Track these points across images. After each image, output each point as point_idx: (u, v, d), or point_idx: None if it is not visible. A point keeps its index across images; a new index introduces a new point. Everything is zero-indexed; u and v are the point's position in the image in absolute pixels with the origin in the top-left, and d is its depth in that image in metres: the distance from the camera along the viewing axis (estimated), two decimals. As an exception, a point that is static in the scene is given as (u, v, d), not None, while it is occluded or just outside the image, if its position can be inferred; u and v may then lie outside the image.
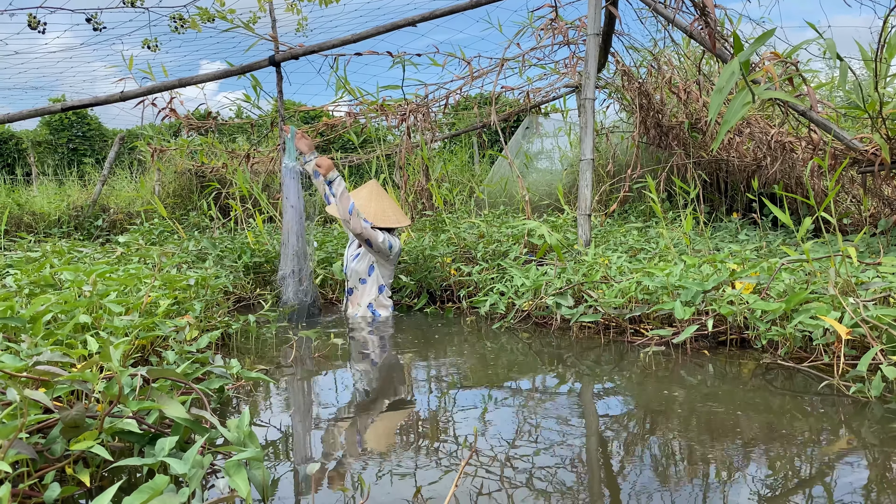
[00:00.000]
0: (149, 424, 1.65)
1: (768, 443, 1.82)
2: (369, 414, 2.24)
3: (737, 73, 1.83)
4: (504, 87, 6.66)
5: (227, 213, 7.98)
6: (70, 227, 8.00)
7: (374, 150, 8.84)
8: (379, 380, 2.76)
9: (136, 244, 4.96)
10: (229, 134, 11.87)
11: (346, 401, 2.42)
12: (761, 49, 3.75)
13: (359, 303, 4.37)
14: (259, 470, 1.48)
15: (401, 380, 2.76)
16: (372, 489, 1.56)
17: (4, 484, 1.12)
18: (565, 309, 3.47)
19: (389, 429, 2.06)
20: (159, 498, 1.20)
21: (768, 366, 2.64)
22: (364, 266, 4.32)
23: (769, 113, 5.87)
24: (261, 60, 5.12)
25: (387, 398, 2.45)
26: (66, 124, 16.05)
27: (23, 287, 2.96)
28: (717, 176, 6.59)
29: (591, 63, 4.29)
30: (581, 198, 4.28)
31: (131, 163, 11.31)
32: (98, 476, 1.62)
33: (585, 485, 1.59)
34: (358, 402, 2.40)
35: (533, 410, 2.20)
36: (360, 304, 4.36)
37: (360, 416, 2.21)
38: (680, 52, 6.53)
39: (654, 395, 2.31)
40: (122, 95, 5.74)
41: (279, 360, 3.09)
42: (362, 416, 2.23)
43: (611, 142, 6.85)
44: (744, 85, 2.09)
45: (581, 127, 4.36)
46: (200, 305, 3.13)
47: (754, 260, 3.54)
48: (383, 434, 2.00)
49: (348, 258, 4.41)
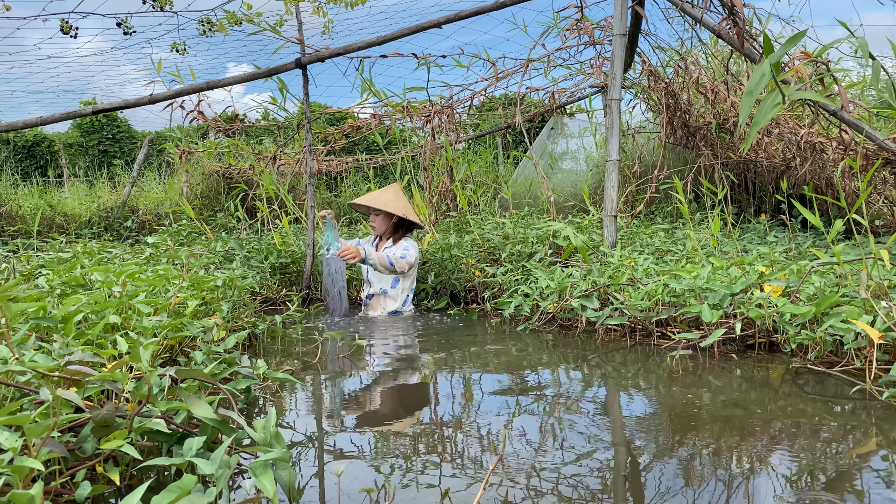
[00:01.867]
0: (177, 424, 1.67)
1: (799, 448, 1.79)
2: (394, 416, 2.25)
3: (768, 75, 1.81)
4: (529, 87, 6.64)
5: (253, 215, 8.05)
6: (100, 228, 8.13)
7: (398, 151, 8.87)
8: (403, 382, 2.77)
9: (164, 245, 5.02)
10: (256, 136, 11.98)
11: (370, 402, 2.43)
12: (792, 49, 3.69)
13: (383, 307, 4.45)
14: (285, 471, 1.49)
15: (425, 382, 2.76)
16: (397, 491, 1.56)
17: (38, 482, 1.14)
18: (591, 311, 3.45)
19: (415, 431, 2.06)
20: (187, 497, 1.21)
21: (798, 370, 2.60)
22: (388, 278, 4.43)
23: (799, 113, 5.78)
24: (287, 63, 5.16)
25: (412, 401, 2.45)
26: (97, 127, 16.33)
27: (54, 287, 3.01)
28: (745, 177, 6.51)
29: (618, 63, 4.26)
30: (607, 199, 4.25)
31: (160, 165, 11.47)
32: (127, 475, 1.65)
33: (612, 491, 1.57)
34: (382, 404, 2.40)
35: (559, 414, 2.19)
36: (384, 309, 4.43)
37: (384, 418, 2.22)
38: (707, 51, 6.46)
39: (683, 399, 2.29)
40: (150, 98, 5.82)
41: (305, 360, 3.11)
42: (387, 417, 2.23)
43: (637, 142, 6.80)
44: (774, 85, 2.06)
45: (607, 128, 4.33)
46: (228, 306, 3.16)
47: (783, 262, 3.49)
48: (409, 436, 2.00)
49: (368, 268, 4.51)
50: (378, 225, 4.59)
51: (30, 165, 15.18)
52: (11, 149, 14.81)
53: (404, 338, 3.73)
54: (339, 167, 10.07)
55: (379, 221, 4.57)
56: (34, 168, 15.08)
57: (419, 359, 3.21)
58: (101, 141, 16.32)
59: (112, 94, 17.74)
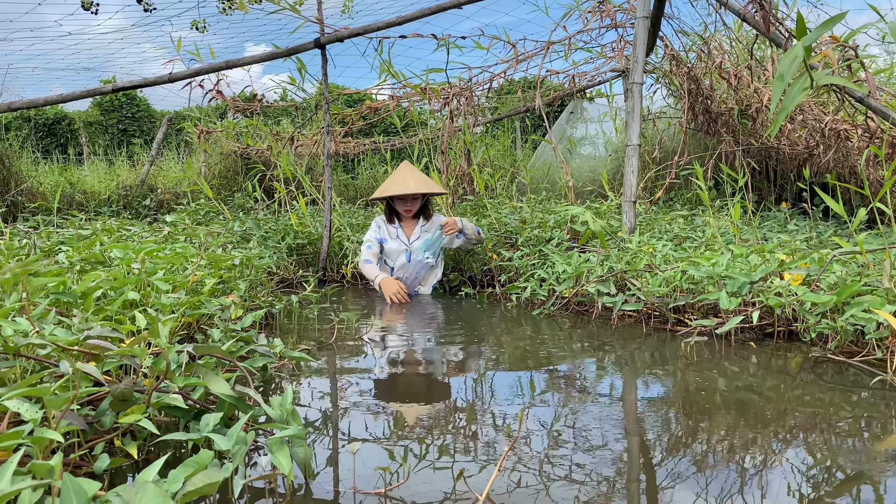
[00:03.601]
0: (194, 400, 1.68)
1: (817, 437, 1.77)
2: (408, 398, 2.25)
3: (799, 58, 1.77)
4: (549, 70, 6.58)
5: (271, 195, 8.08)
6: (119, 206, 8.19)
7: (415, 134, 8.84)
8: (417, 364, 2.77)
9: (182, 224, 5.05)
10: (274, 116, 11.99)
11: (385, 383, 2.44)
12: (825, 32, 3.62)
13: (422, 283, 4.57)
14: (301, 448, 1.50)
15: (440, 364, 2.77)
16: (411, 472, 1.56)
17: (57, 453, 1.15)
18: (607, 297, 3.43)
19: (429, 413, 2.06)
20: (204, 472, 1.22)
21: (817, 359, 2.58)
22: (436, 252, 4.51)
23: (823, 100, 5.69)
24: (306, 43, 5.14)
25: (426, 383, 2.46)
26: (116, 105, 16.42)
27: (74, 264, 3.03)
28: (767, 164, 6.43)
29: (640, 46, 4.20)
30: (626, 184, 4.21)
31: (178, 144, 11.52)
32: (145, 449, 1.66)
33: (626, 476, 1.57)
34: (397, 386, 2.41)
35: (574, 399, 2.18)
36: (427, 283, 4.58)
37: (399, 400, 2.22)
38: (731, 36, 6.36)
39: (699, 385, 2.27)
40: (170, 77, 5.83)
41: (321, 340, 3.13)
42: (401, 399, 2.23)
43: (657, 128, 6.73)
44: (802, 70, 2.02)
45: (628, 112, 4.29)
46: (245, 285, 3.17)
47: (804, 251, 3.45)
48: (423, 418, 2.00)
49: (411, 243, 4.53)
50: (415, 208, 4.57)
51: (50, 143, 15.30)
52: (32, 126, 14.94)
53: (420, 320, 3.74)
54: (357, 149, 10.06)
55: (417, 204, 4.57)
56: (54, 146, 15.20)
57: (434, 341, 3.21)
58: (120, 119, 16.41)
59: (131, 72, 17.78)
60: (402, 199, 4.52)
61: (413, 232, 4.57)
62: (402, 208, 4.54)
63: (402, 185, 4.44)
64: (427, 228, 4.56)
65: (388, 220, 4.65)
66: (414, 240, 4.52)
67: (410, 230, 4.58)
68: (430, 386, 2.39)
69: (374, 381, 2.47)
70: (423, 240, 4.48)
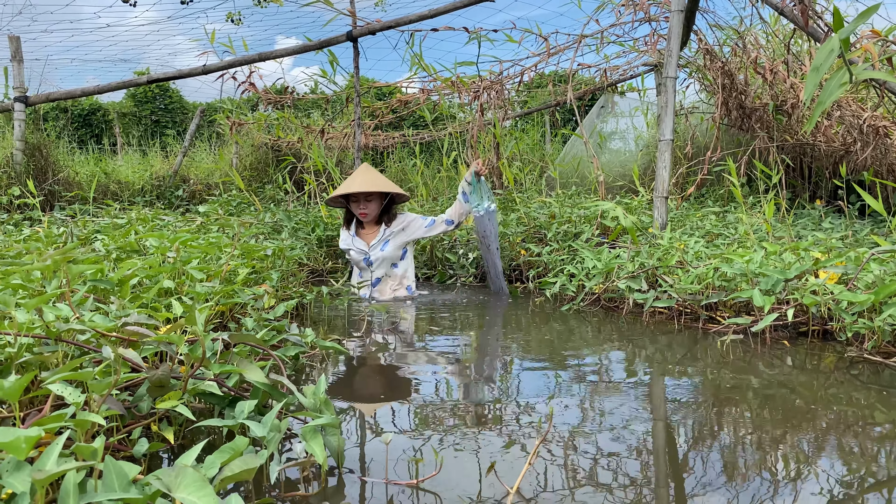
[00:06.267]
0: (229, 387, 1.71)
1: (851, 439, 1.75)
2: (439, 390, 2.26)
3: (836, 52, 1.74)
4: (581, 64, 6.53)
5: (301, 187, 8.14)
6: (152, 197, 8.30)
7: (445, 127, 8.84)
8: (447, 357, 2.78)
9: (215, 214, 5.11)
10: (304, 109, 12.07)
11: (415, 374, 2.45)
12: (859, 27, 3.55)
13: (393, 288, 4.27)
14: (334, 436, 1.51)
15: (469, 357, 2.77)
16: (442, 464, 1.57)
17: (99, 436, 1.18)
18: (638, 293, 3.41)
19: (460, 406, 2.07)
20: (241, 458, 1.24)
21: (853, 359, 2.54)
22: (396, 251, 4.24)
23: (862, 96, 5.58)
24: (339, 35, 5.17)
25: (456, 376, 2.46)
26: (150, 97, 16.64)
27: (110, 252, 3.09)
28: (801, 161, 6.33)
29: (674, 40, 4.15)
30: (658, 179, 4.17)
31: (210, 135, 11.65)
32: (180, 435, 1.69)
33: (656, 474, 1.56)
34: (427, 376, 2.42)
35: (606, 395, 2.17)
36: (401, 287, 4.28)
37: (429, 391, 2.23)
38: (768, 30, 6.26)
39: (733, 383, 2.25)
40: (204, 69, 5.90)
41: (351, 331, 3.15)
42: (432, 391, 2.25)
43: (690, 123, 6.65)
44: (840, 64, 1.98)
45: (661, 106, 4.25)
46: (277, 275, 3.21)
47: (840, 249, 3.39)
48: (454, 410, 2.01)
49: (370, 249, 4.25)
50: (371, 211, 4.23)
51: (85, 134, 15.56)
52: (69, 117, 15.20)
53: (448, 314, 3.74)
54: (386, 142, 10.09)
55: (373, 207, 4.23)
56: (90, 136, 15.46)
57: (463, 335, 3.22)
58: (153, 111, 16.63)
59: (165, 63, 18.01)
60: (356, 200, 4.24)
61: (375, 236, 4.27)
62: (356, 211, 4.24)
63: (348, 185, 4.18)
64: (394, 231, 4.24)
65: (345, 225, 4.39)
66: (373, 243, 4.23)
67: (371, 236, 4.29)
68: (459, 378, 2.40)
69: (403, 371, 2.49)
70: (391, 244, 4.22)
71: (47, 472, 1.03)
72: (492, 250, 4.22)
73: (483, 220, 4.14)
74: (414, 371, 2.50)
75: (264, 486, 1.44)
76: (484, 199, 4.11)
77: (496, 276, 4.29)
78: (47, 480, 1.03)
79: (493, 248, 4.22)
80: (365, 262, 4.25)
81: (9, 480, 1.04)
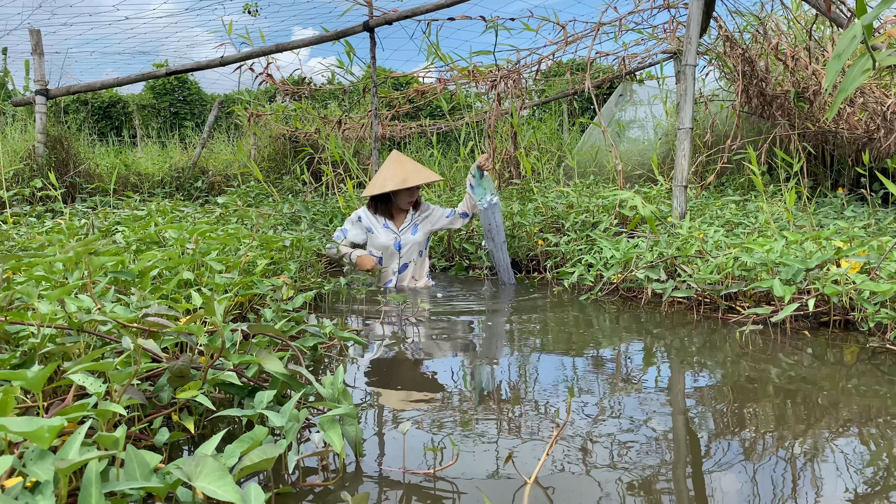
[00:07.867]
0: (248, 378, 1.72)
1: (873, 429, 1.73)
2: (456, 381, 2.27)
3: (859, 37, 1.70)
4: (599, 52, 6.48)
5: (319, 178, 8.16)
6: (172, 188, 8.37)
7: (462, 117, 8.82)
8: (465, 347, 2.78)
9: (234, 205, 5.14)
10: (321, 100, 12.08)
11: (433, 365, 2.45)
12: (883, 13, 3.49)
13: (416, 277, 4.34)
14: (352, 426, 1.52)
15: (488, 348, 2.77)
16: (460, 453, 1.57)
17: (121, 426, 1.19)
18: (657, 283, 3.39)
19: (477, 396, 2.07)
20: (260, 448, 1.25)
21: (875, 349, 2.51)
22: (424, 238, 4.33)
23: (886, 82, 5.49)
24: (355, 26, 5.16)
25: (474, 366, 2.47)
26: (169, 89, 16.74)
27: (131, 244, 3.12)
28: (823, 149, 6.24)
29: (694, 27, 4.11)
30: (678, 168, 4.14)
31: (228, 127, 11.70)
32: (200, 424, 1.71)
33: (674, 467, 1.55)
34: (445, 368, 2.42)
35: (624, 386, 2.16)
36: (421, 276, 4.36)
37: (447, 382, 2.24)
38: (789, 16, 6.17)
39: (754, 374, 2.23)
40: (221, 60, 5.92)
41: (368, 323, 3.16)
42: (449, 381, 2.25)
43: (709, 111, 6.58)
44: (863, 50, 1.95)
45: (680, 94, 4.20)
46: (295, 266, 3.22)
47: (863, 238, 3.34)
48: (471, 401, 2.02)
49: (400, 233, 4.29)
50: (416, 198, 4.34)
51: (105, 126, 15.69)
52: (89, 109, 15.34)
53: (466, 304, 3.75)
54: (403, 132, 10.09)
55: (416, 193, 4.33)
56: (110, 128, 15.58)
57: (481, 325, 3.22)
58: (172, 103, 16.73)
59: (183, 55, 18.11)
60: (408, 189, 4.27)
61: (402, 222, 4.34)
62: (407, 199, 4.28)
63: (404, 177, 4.19)
64: (421, 218, 4.34)
65: (375, 211, 4.37)
66: (402, 227, 4.30)
67: (399, 221, 4.35)
68: (477, 368, 2.40)
69: (420, 361, 2.49)
70: (421, 230, 4.29)
71: (70, 461, 1.04)
72: (497, 243, 4.28)
73: (487, 214, 4.23)
74: (431, 361, 2.51)
75: (283, 475, 1.45)
76: (486, 193, 4.21)
77: (505, 268, 4.33)
78: (70, 469, 1.05)
79: (497, 240, 4.28)
80: (395, 247, 4.29)
81: (33, 469, 1.06)
